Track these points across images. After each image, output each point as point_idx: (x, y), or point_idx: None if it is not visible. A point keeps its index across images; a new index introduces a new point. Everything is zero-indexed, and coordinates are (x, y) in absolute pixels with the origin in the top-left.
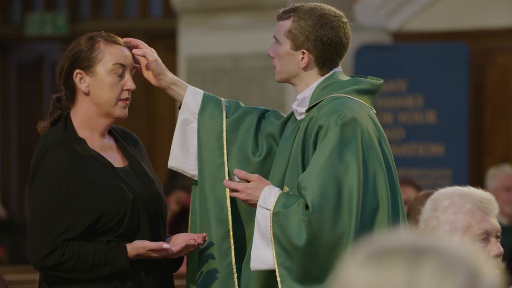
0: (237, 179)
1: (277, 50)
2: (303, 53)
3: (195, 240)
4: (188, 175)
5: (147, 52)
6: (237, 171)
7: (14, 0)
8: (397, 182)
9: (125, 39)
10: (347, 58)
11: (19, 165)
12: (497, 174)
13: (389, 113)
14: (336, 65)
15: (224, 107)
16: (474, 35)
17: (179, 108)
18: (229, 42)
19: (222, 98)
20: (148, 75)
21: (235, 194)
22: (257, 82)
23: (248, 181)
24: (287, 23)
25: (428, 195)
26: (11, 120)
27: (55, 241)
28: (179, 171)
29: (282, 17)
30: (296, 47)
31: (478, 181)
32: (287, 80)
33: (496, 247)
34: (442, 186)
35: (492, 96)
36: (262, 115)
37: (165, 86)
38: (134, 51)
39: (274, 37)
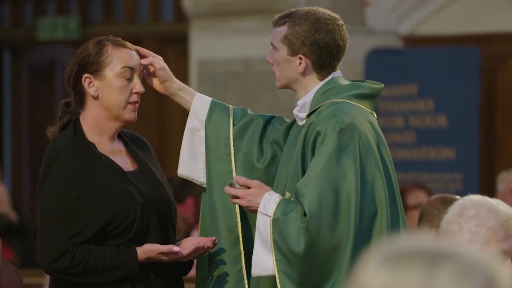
0: (238, 186)
1: (275, 56)
2: (300, 58)
3: (204, 243)
4: (198, 183)
5: (154, 60)
6: (237, 178)
7: (26, 4)
8: (396, 187)
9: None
10: (358, 62)
11: (30, 169)
12: (506, 178)
13: (400, 117)
14: (334, 69)
15: (231, 114)
16: (485, 39)
17: (187, 115)
18: (240, 46)
19: (230, 105)
20: (155, 82)
21: (236, 201)
22: (268, 86)
23: (249, 188)
24: (283, 29)
25: (442, 199)
26: (22, 124)
27: (65, 244)
28: (189, 178)
29: (277, 23)
30: (293, 52)
31: (489, 185)
32: (287, 86)
33: (509, 269)
34: (453, 190)
35: (503, 100)
36: (268, 121)
37: (172, 93)
38: (142, 60)
39: (271, 43)
